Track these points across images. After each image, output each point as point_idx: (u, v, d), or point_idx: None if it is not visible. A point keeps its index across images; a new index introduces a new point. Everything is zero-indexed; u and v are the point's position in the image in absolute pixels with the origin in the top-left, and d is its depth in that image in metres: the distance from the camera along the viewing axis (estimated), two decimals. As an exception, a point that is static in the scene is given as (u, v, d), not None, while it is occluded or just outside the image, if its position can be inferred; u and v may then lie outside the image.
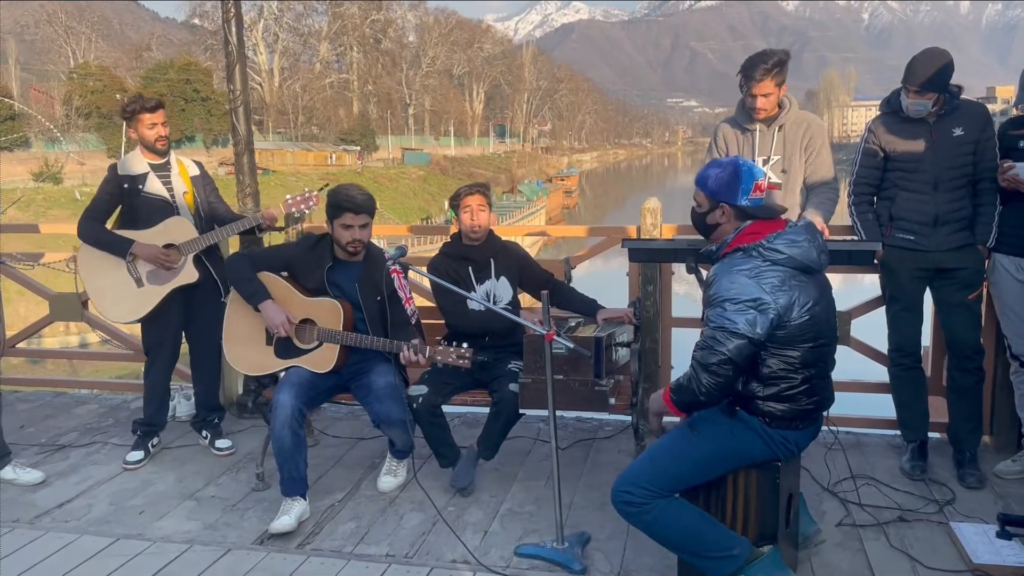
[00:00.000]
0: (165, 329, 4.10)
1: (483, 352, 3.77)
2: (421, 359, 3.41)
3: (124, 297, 4.01)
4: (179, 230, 3.97)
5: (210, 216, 4.13)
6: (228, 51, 4.60)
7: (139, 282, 3.99)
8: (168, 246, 3.96)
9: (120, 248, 3.95)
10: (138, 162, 4.01)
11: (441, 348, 3.38)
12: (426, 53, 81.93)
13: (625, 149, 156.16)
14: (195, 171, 4.16)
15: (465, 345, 3.37)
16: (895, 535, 3.18)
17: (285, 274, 3.67)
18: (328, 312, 3.55)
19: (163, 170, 4.04)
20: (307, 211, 4.14)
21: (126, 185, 3.97)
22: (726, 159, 2.71)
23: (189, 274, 3.98)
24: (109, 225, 4.04)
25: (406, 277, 3.57)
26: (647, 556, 3.04)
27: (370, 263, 3.65)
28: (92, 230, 3.98)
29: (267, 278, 3.63)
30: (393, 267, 3.44)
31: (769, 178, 3.60)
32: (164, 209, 3.99)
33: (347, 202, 3.52)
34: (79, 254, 4.08)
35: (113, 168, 4.05)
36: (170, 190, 4.03)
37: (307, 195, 4.10)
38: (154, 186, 3.99)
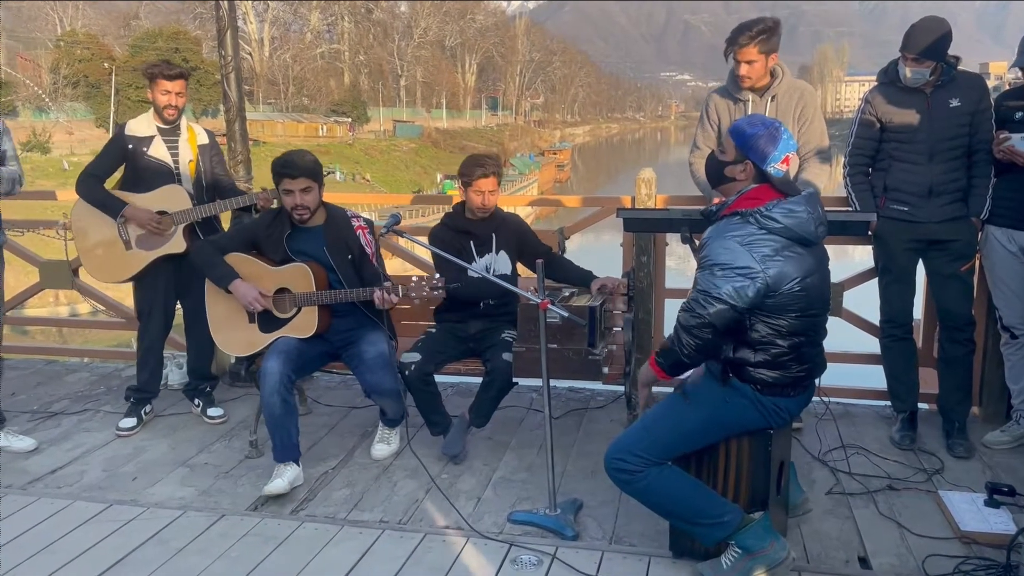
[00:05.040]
0: (155, 296, 4.08)
1: (478, 320, 3.78)
2: (395, 298, 3.43)
3: (111, 258, 3.99)
4: (174, 198, 3.94)
5: (212, 187, 4.10)
6: (219, 16, 4.53)
7: (127, 245, 3.96)
8: (161, 213, 3.93)
9: (112, 208, 3.91)
10: (146, 124, 3.98)
11: (414, 283, 3.40)
12: (418, 24, 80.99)
13: (618, 123, 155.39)
14: (204, 139, 4.12)
15: (438, 275, 3.42)
16: (884, 503, 3.21)
17: (255, 252, 3.67)
18: (299, 276, 3.55)
19: (171, 135, 4.00)
20: None
21: (131, 146, 3.94)
22: (769, 119, 2.63)
23: (177, 244, 3.94)
24: (111, 186, 4.00)
25: (371, 233, 3.63)
26: (639, 522, 3.07)
27: (332, 225, 3.64)
28: (90, 187, 3.95)
29: (236, 259, 3.62)
30: (359, 224, 3.49)
31: None
32: (165, 175, 3.96)
33: (282, 167, 3.52)
34: (74, 209, 4.04)
35: (120, 128, 4.02)
36: (175, 156, 3.99)
37: None
38: (159, 151, 3.96)
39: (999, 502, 3.05)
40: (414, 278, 3.45)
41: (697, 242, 3.16)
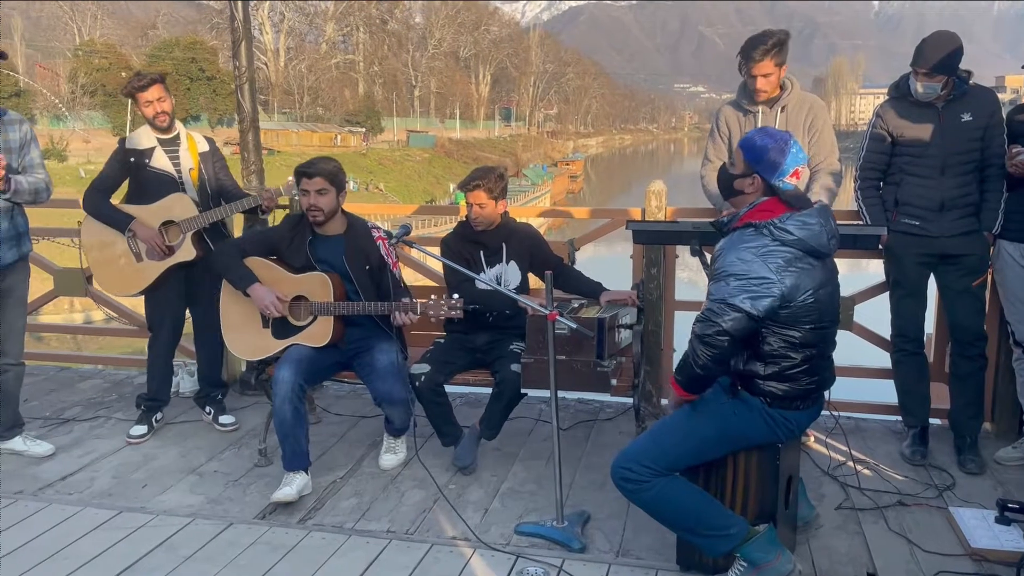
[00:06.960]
0: (166, 305, 4.12)
1: (486, 332, 3.78)
2: (413, 316, 3.44)
3: (123, 271, 4.03)
4: (179, 207, 3.97)
5: (217, 193, 4.14)
6: (234, 27, 4.58)
7: (138, 257, 4.00)
8: (168, 223, 3.96)
9: (120, 223, 3.96)
10: (146, 137, 4.03)
11: (432, 302, 3.41)
12: (432, 35, 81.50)
13: (631, 134, 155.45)
14: (205, 147, 4.16)
15: (456, 296, 3.42)
16: (894, 519, 3.19)
17: (274, 257, 3.69)
18: (318, 285, 3.57)
19: (171, 145, 4.04)
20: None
21: (132, 159, 3.98)
22: (779, 133, 2.63)
23: (187, 252, 3.98)
24: (118, 199, 4.06)
25: (392, 244, 3.62)
26: (646, 535, 3.06)
27: (353, 234, 3.66)
28: (95, 202, 4.01)
29: (255, 262, 3.65)
30: (379, 235, 3.49)
31: None
32: (169, 184, 4.00)
33: (301, 167, 3.56)
34: (83, 226, 4.09)
35: (122, 142, 4.07)
36: (176, 165, 4.03)
37: None
38: (160, 161, 4.00)
39: (1010, 519, 3.02)
40: (432, 296, 3.46)
41: (707, 255, 3.16)
